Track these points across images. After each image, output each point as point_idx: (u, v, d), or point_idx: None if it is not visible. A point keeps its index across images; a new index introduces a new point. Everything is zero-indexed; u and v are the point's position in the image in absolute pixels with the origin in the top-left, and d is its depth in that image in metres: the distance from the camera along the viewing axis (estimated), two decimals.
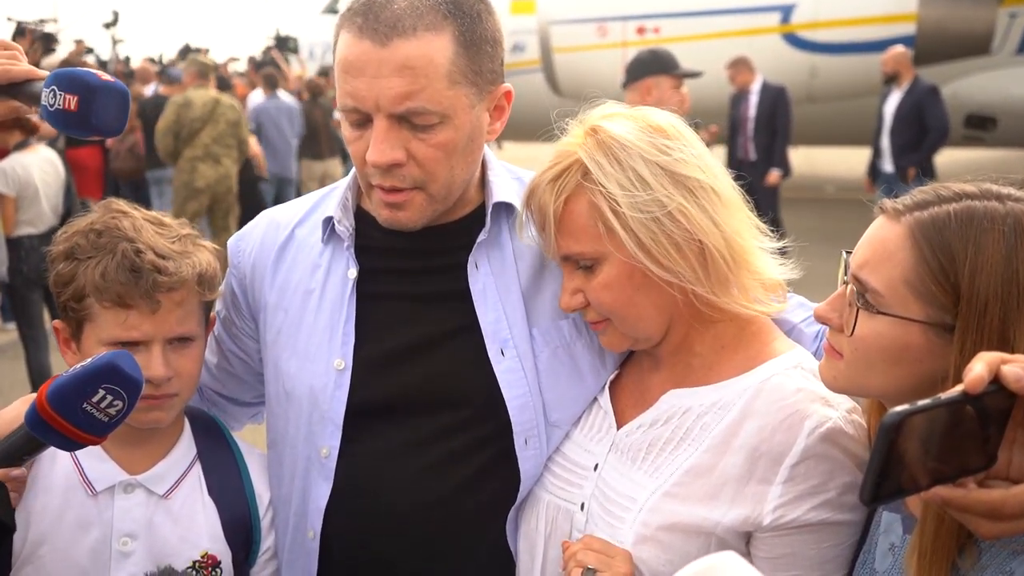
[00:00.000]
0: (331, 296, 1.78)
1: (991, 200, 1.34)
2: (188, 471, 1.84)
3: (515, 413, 1.73)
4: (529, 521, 1.76)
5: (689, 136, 1.65)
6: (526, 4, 14.91)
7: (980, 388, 1.06)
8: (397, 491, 1.73)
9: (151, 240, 1.74)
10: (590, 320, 1.70)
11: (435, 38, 1.58)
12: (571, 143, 1.65)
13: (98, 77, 1.43)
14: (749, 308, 1.64)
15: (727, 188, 1.64)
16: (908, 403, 1.06)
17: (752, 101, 10.56)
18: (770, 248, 1.69)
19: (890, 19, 12.97)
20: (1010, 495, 1.09)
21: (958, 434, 1.08)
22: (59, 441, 1.33)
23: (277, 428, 1.84)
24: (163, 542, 1.77)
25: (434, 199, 1.68)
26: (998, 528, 1.11)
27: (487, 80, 1.65)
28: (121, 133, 1.53)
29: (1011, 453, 1.12)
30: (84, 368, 1.32)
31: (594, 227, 1.60)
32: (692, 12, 13.83)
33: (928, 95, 9.96)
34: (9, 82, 1.48)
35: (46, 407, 1.30)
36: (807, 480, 1.52)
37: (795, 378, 1.59)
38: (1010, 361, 1.08)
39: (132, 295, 1.70)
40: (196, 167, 9.30)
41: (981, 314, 1.29)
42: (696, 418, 1.63)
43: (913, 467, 1.07)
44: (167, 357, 1.74)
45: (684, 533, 1.56)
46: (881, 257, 1.37)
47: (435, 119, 1.60)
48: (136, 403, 1.37)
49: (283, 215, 1.90)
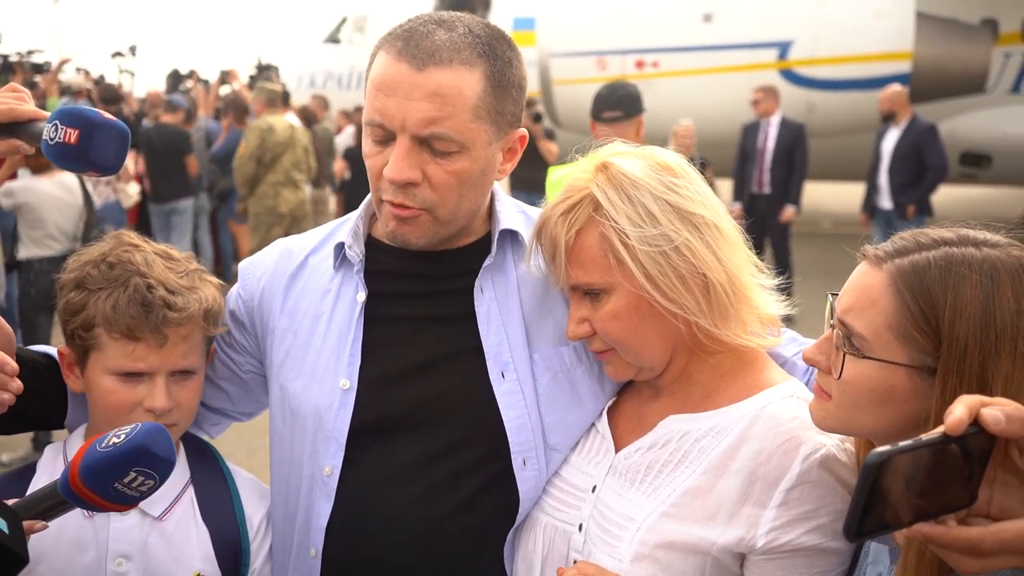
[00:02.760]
0: (340, 319, 1.82)
1: (968, 247, 1.37)
2: (182, 494, 1.85)
3: (513, 434, 1.75)
4: (527, 543, 1.77)
5: (693, 175, 1.70)
6: (526, 36, 15.00)
7: (960, 430, 1.08)
8: (397, 511, 1.75)
9: (161, 275, 1.78)
10: (595, 349, 1.73)
11: (468, 73, 1.63)
12: (582, 178, 1.70)
13: (100, 115, 1.46)
14: (747, 340, 1.67)
15: (729, 226, 1.69)
16: (890, 443, 1.08)
17: (771, 134, 10.44)
18: (767, 284, 1.73)
19: (886, 57, 13.09)
20: (989, 533, 1.10)
21: (940, 473, 1.09)
22: (88, 507, 1.36)
23: (283, 448, 1.87)
24: (157, 563, 1.78)
25: (439, 222, 1.72)
26: (978, 565, 1.12)
27: (507, 122, 1.71)
28: (118, 171, 1.55)
29: (992, 491, 1.14)
30: (117, 449, 1.33)
31: (604, 258, 1.65)
32: (691, 47, 13.93)
33: (927, 134, 10.00)
34: (13, 121, 1.52)
35: (78, 482, 1.33)
36: (801, 505, 1.54)
37: (791, 406, 1.62)
38: (990, 404, 1.10)
39: (142, 329, 1.73)
40: (279, 192, 9.32)
41: (961, 357, 1.32)
42: (694, 441, 1.65)
43: (897, 504, 1.08)
44: (169, 389, 1.77)
45: (681, 552, 1.57)
46: (865, 303, 1.41)
47: (455, 147, 1.65)
48: (167, 478, 1.40)
49: (297, 244, 1.95)
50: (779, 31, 13.66)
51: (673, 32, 14.01)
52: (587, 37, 14.53)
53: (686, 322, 1.65)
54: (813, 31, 13.45)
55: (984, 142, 14.24)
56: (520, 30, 15.20)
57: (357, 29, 17.39)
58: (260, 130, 9.32)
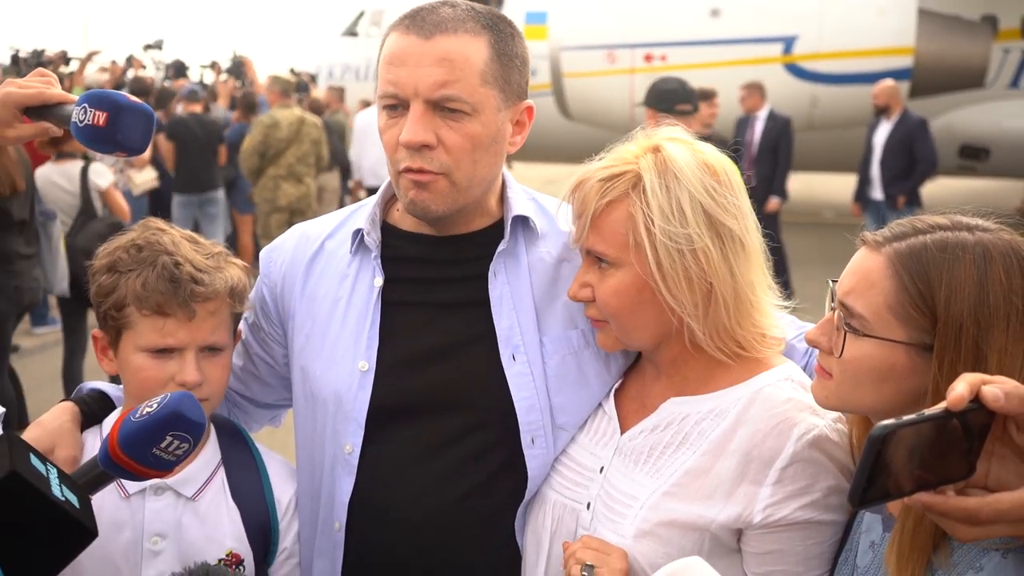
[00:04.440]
0: (357, 303, 1.87)
1: (962, 231, 1.42)
2: (214, 475, 1.89)
3: (522, 413, 1.81)
4: (536, 518, 1.82)
5: (736, 185, 1.70)
6: (538, 30, 14.92)
7: (961, 406, 1.12)
8: (416, 491, 1.81)
9: (188, 254, 1.82)
10: (591, 316, 1.78)
11: (473, 40, 1.71)
12: (632, 152, 1.71)
13: (127, 98, 1.52)
14: (723, 356, 1.69)
15: (753, 243, 1.70)
16: (894, 418, 1.11)
17: (757, 128, 10.47)
18: (778, 306, 1.77)
19: (888, 52, 13.11)
20: (985, 503, 1.13)
21: (941, 446, 1.13)
22: (129, 477, 1.40)
23: (306, 429, 1.92)
24: (191, 541, 1.82)
25: (457, 188, 1.75)
26: (973, 532, 1.15)
27: (514, 92, 1.78)
28: (144, 151, 1.60)
29: (989, 464, 1.18)
30: (151, 417, 1.37)
31: (624, 235, 1.67)
32: (698, 41, 13.94)
33: (918, 128, 10.05)
34: (43, 104, 1.58)
35: (118, 452, 1.36)
36: (795, 482, 1.59)
37: (786, 389, 1.66)
38: (990, 382, 1.13)
39: (171, 304, 1.77)
40: (279, 185, 9.43)
41: (957, 335, 1.37)
42: (694, 424, 1.70)
43: (899, 475, 1.12)
44: (199, 364, 1.81)
45: (681, 529, 1.63)
46: (864, 285, 1.45)
47: (467, 108, 1.70)
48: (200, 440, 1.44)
49: (314, 229, 2.00)
50: (784, 26, 13.66)
51: (681, 27, 14.02)
52: (597, 31, 14.49)
53: (680, 319, 1.68)
54: (817, 26, 13.45)
55: (983, 135, 14.27)
56: (532, 24, 15.12)
57: (374, 23, 17.66)
58: (264, 126, 9.41)
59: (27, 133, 1.63)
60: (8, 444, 1.29)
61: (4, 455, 1.26)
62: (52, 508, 1.26)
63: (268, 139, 9.38)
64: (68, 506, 1.28)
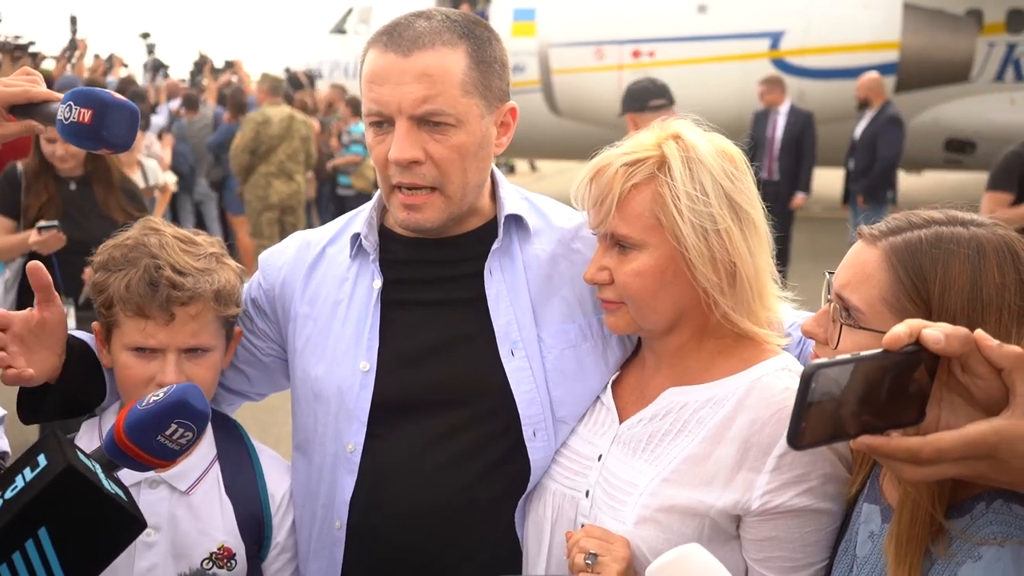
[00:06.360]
0: (357, 305, 1.89)
1: (957, 226, 1.44)
2: (208, 469, 1.91)
3: (523, 407, 1.83)
4: (537, 509, 1.84)
5: (749, 173, 1.77)
6: (527, 27, 15.04)
7: (898, 346, 1.14)
8: (417, 485, 1.83)
9: (173, 257, 1.84)
10: (606, 298, 1.79)
11: (451, 52, 1.73)
12: (652, 140, 1.75)
13: (112, 95, 1.52)
14: (758, 331, 1.73)
15: (765, 230, 1.76)
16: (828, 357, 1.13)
17: (779, 122, 10.42)
18: (779, 294, 1.80)
19: (874, 47, 13.25)
20: (926, 441, 1.14)
21: (887, 390, 1.14)
22: (134, 466, 1.40)
23: (307, 428, 1.93)
24: (184, 534, 1.85)
25: (450, 200, 1.80)
26: (920, 472, 1.16)
27: (495, 96, 1.80)
28: (129, 148, 1.60)
29: (939, 410, 1.20)
30: (157, 404, 1.38)
31: (649, 217, 1.70)
32: (685, 37, 14.05)
33: (886, 124, 9.85)
34: (28, 102, 1.59)
35: (124, 439, 1.37)
36: (792, 469, 1.61)
37: (783, 378, 1.69)
38: (930, 326, 1.15)
39: (149, 306, 1.81)
40: (271, 183, 9.44)
41: None
42: (693, 412, 1.72)
43: (845, 417, 1.13)
44: (180, 365, 1.84)
45: (681, 515, 1.65)
46: (860, 278, 1.47)
47: (451, 120, 1.73)
48: (204, 431, 1.44)
49: (315, 236, 2.04)
50: (771, 22, 13.78)
51: (669, 23, 14.12)
52: (586, 27, 14.61)
53: (705, 299, 1.71)
54: (804, 22, 13.57)
55: (968, 129, 14.36)
56: (521, 20, 15.22)
57: (362, 20, 17.66)
58: (255, 123, 9.42)
59: (13, 131, 1.64)
60: (57, 441, 1.29)
61: (57, 451, 1.27)
62: (107, 501, 1.27)
63: (260, 136, 9.39)
64: (119, 499, 1.29)
